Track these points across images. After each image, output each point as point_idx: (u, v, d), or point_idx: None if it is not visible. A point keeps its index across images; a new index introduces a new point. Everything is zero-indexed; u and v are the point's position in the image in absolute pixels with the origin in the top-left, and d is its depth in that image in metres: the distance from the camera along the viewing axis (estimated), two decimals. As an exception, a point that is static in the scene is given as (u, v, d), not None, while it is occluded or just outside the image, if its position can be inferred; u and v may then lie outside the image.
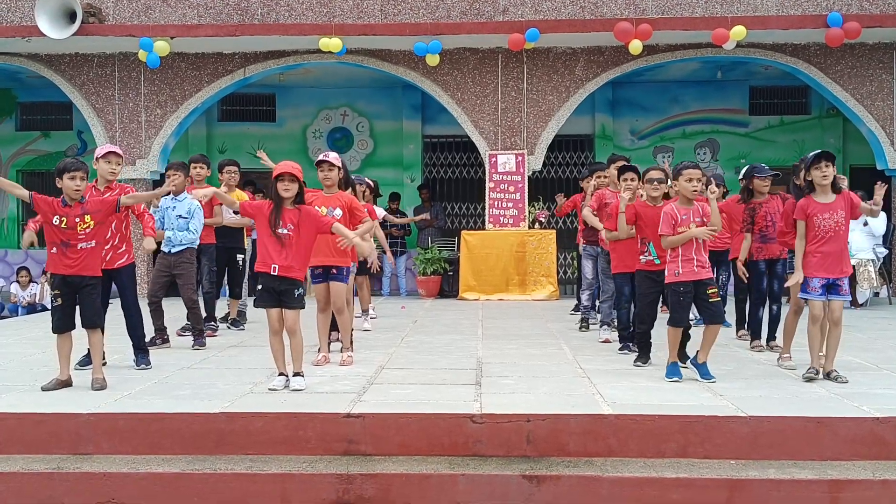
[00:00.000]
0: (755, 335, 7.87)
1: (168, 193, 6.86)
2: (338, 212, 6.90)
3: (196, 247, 8.13)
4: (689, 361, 6.50)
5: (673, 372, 6.24)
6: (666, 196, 7.03)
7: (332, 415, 5.17)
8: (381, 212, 10.16)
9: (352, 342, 7.28)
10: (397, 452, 5.06)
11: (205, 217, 8.26)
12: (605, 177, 8.55)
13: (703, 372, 6.20)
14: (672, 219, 6.25)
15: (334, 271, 6.99)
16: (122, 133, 13.47)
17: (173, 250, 7.94)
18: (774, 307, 7.84)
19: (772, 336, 7.79)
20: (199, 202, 7.75)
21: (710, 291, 6.19)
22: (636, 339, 7.08)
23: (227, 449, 5.10)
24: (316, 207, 6.77)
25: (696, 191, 6.26)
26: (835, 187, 6.23)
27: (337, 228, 6.15)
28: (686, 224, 6.21)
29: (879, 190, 6.65)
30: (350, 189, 7.52)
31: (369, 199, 9.76)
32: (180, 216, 7.94)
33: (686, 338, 6.71)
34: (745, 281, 7.59)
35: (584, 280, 9.21)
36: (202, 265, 8.75)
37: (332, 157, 7.02)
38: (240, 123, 16.08)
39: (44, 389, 5.86)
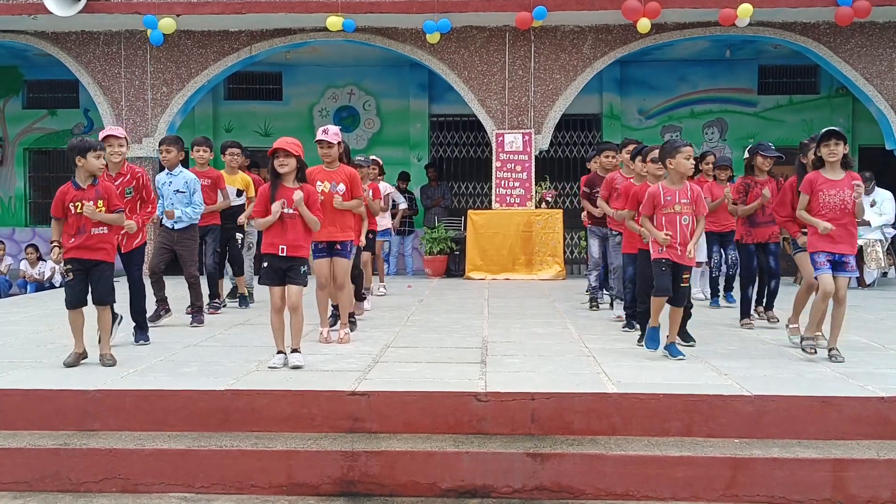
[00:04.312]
0: (745, 313, 7.88)
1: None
2: (341, 186, 6.89)
3: (198, 222, 8.13)
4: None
5: (651, 338, 6.31)
6: None
7: (338, 392, 5.18)
8: (385, 187, 10.05)
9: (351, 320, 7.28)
10: (402, 430, 5.07)
11: (206, 202, 8.26)
12: (613, 156, 8.58)
13: (673, 351, 6.22)
14: (654, 199, 6.24)
15: (338, 247, 6.97)
16: (128, 111, 13.47)
17: (176, 226, 7.93)
18: (773, 282, 7.82)
19: (769, 306, 7.76)
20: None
21: (685, 276, 6.29)
22: (637, 318, 7.06)
23: (232, 426, 5.12)
24: (318, 182, 6.75)
25: (692, 167, 6.29)
26: (844, 164, 6.17)
27: (311, 221, 6.04)
28: (671, 205, 6.19)
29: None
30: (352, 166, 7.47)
31: (376, 177, 9.75)
32: (178, 191, 7.94)
33: (687, 316, 6.69)
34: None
35: (590, 260, 9.20)
36: (207, 245, 8.77)
37: (332, 133, 6.85)
38: (246, 102, 16.06)
39: (66, 365, 5.90)
